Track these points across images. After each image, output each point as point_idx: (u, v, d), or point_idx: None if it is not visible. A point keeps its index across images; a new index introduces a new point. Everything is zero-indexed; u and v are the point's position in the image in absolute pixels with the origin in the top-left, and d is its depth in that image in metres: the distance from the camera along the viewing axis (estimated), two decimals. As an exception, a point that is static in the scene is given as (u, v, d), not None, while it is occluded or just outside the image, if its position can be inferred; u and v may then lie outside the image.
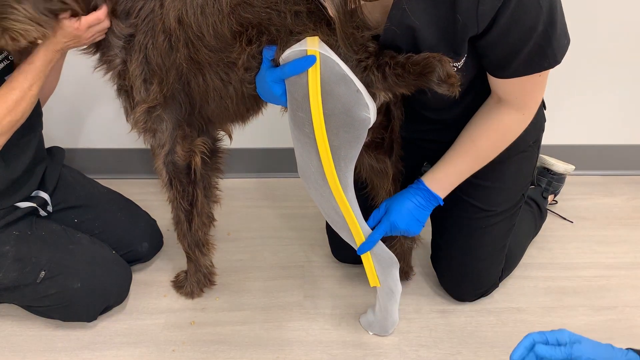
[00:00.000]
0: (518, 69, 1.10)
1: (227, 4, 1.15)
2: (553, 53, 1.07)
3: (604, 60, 1.89)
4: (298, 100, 1.11)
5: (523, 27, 1.03)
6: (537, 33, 1.03)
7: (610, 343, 1.44)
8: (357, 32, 1.07)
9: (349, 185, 1.18)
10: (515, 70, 1.10)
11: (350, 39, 1.05)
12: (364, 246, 1.26)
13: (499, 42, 1.06)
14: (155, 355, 1.40)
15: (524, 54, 1.06)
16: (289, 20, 1.12)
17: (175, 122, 1.29)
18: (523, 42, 1.05)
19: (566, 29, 1.09)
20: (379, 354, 1.40)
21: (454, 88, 1.04)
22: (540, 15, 1.01)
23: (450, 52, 1.09)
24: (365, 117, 1.08)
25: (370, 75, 1.09)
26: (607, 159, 2.07)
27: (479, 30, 1.04)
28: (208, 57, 1.20)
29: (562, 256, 1.71)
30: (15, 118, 1.24)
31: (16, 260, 1.36)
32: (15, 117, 1.24)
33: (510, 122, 1.20)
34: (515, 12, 1.00)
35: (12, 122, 1.24)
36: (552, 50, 1.07)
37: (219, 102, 1.28)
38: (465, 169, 1.27)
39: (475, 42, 1.09)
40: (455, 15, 1.03)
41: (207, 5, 1.16)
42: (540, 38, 1.04)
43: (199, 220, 1.43)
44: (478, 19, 1.02)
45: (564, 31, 1.08)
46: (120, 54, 1.23)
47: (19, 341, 1.44)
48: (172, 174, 1.35)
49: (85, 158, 2.06)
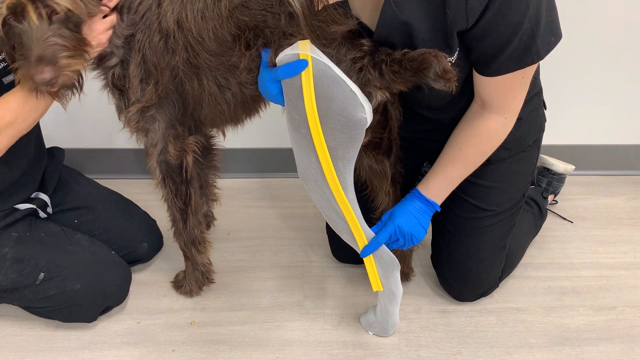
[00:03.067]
0: (503, 65, 1.10)
1: (226, 8, 1.15)
2: (537, 49, 1.08)
3: (604, 60, 1.89)
4: (293, 102, 1.12)
5: (510, 22, 1.04)
6: (523, 29, 1.04)
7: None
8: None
9: (349, 186, 1.18)
10: (501, 66, 1.11)
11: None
12: (368, 248, 1.26)
13: (485, 36, 1.07)
14: (155, 355, 1.40)
15: (510, 49, 1.07)
16: (282, 22, 1.12)
17: (168, 121, 1.30)
18: (509, 38, 1.06)
19: (554, 26, 1.10)
20: (379, 354, 1.40)
21: (450, 83, 1.05)
22: (526, 12, 1.03)
23: (444, 46, 1.09)
24: (361, 117, 1.09)
25: (366, 74, 1.10)
26: (607, 159, 2.07)
27: (468, 25, 1.05)
28: (208, 61, 1.20)
29: (562, 256, 1.71)
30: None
31: (15, 261, 1.36)
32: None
33: (494, 127, 1.21)
34: (502, 6, 1.01)
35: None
36: (537, 46, 1.08)
37: (214, 107, 1.28)
38: (456, 176, 1.28)
39: (463, 35, 1.09)
40: (445, 10, 1.04)
41: (207, 10, 1.16)
42: (525, 34, 1.05)
43: (194, 218, 1.43)
44: (467, 13, 1.03)
45: (551, 28, 1.09)
46: (118, 53, 1.23)
47: (19, 341, 1.44)
48: (165, 173, 1.35)
49: (85, 158, 2.06)
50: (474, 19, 1.04)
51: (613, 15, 1.81)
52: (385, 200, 1.39)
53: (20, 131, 1.24)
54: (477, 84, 1.19)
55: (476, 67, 1.16)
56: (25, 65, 1.08)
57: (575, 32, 1.80)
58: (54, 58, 1.08)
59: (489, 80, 1.15)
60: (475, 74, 1.17)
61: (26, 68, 1.08)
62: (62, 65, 1.09)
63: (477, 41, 1.09)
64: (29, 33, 1.06)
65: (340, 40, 1.11)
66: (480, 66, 1.14)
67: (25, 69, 1.08)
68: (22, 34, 1.07)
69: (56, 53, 1.08)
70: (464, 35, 1.09)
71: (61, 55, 1.09)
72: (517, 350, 1.41)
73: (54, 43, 1.08)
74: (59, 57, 1.09)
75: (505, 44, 1.07)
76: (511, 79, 1.13)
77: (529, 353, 1.40)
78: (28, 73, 1.08)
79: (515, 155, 1.39)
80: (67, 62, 1.10)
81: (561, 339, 1.44)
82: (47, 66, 1.07)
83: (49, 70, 1.07)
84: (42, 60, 1.07)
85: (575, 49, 1.86)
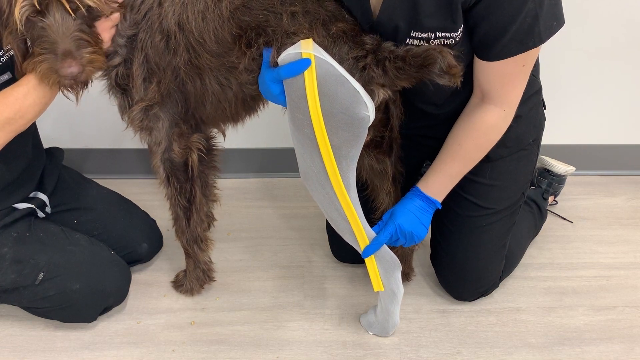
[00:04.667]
0: (505, 48, 1.10)
1: (227, 9, 1.16)
2: (539, 32, 1.08)
3: (604, 60, 1.89)
4: (295, 101, 1.12)
5: (514, 1, 1.04)
6: (527, 8, 1.05)
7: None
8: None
9: (351, 186, 1.18)
10: (503, 49, 1.11)
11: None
12: (369, 249, 1.26)
13: (489, 13, 1.07)
14: (155, 355, 1.40)
15: (513, 30, 1.07)
16: (285, 21, 1.13)
17: (172, 120, 1.30)
18: (512, 17, 1.06)
19: (557, 10, 1.10)
20: (379, 354, 1.40)
21: (455, 78, 1.05)
22: None
23: (448, 20, 1.09)
24: (364, 115, 1.09)
25: (370, 72, 1.10)
26: (607, 159, 2.07)
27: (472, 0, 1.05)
28: (209, 62, 1.20)
29: (562, 256, 1.71)
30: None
31: (14, 261, 1.36)
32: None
33: (493, 120, 1.21)
34: None
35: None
36: (539, 28, 1.08)
37: (216, 105, 1.28)
38: (456, 172, 1.28)
39: (467, 13, 1.09)
40: None
41: (207, 11, 1.17)
42: (529, 15, 1.05)
43: (197, 216, 1.43)
44: None
45: (554, 12, 1.09)
46: (121, 52, 1.23)
47: (19, 341, 1.44)
48: (170, 171, 1.35)
49: (84, 158, 2.06)
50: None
51: (613, 15, 1.81)
52: (386, 200, 1.39)
53: (19, 127, 1.23)
54: (478, 72, 1.19)
55: (478, 52, 1.15)
56: (51, 60, 1.10)
57: (575, 32, 1.80)
58: (79, 53, 1.10)
59: (490, 67, 1.14)
60: (477, 61, 1.17)
61: (52, 62, 1.10)
62: (86, 61, 1.11)
63: (481, 19, 1.09)
64: (55, 27, 1.08)
65: (342, 38, 1.11)
66: (482, 50, 1.14)
67: (50, 62, 1.10)
68: (48, 29, 1.09)
69: (81, 48, 1.11)
70: (467, 14, 1.09)
71: (86, 50, 1.11)
72: (517, 350, 1.41)
73: (78, 38, 1.10)
74: (84, 53, 1.11)
75: (508, 24, 1.07)
76: (512, 66, 1.13)
77: (529, 353, 1.40)
78: (54, 67, 1.10)
79: (515, 154, 1.39)
80: (91, 58, 1.12)
81: (561, 339, 1.44)
82: (74, 60, 1.09)
83: (76, 65, 1.10)
84: (68, 54, 1.09)
85: (575, 49, 1.86)
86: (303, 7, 1.14)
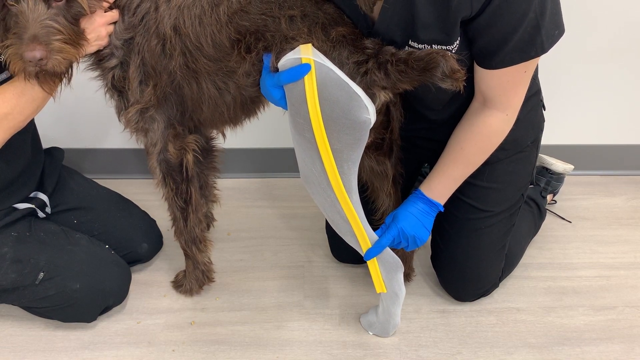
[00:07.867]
0: (507, 57, 1.10)
1: (225, 13, 1.16)
2: (541, 41, 1.08)
3: (604, 60, 1.90)
4: (296, 106, 1.11)
5: (515, 10, 1.03)
6: (528, 19, 1.04)
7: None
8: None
9: (353, 189, 1.18)
10: (504, 58, 1.10)
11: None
12: (372, 251, 1.26)
13: (490, 24, 1.06)
14: (155, 355, 1.40)
15: (514, 40, 1.07)
16: (283, 25, 1.12)
17: (167, 121, 1.30)
18: (514, 27, 1.05)
19: (558, 19, 1.09)
20: (379, 354, 1.40)
21: (458, 83, 1.04)
22: (532, 2, 1.02)
23: (442, 34, 1.09)
24: (365, 118, 1.08)
25: (372, 76, 1.09)
26: (607, 159, 2.07)
27: (472, 12, 1.05)
28: (207, 66, 1.20)
29: (562, 256, 1.71)
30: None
31: (15, 261, 1.36)
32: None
33: (495, 124, 1.21)
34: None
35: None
36: (541, 38, 1.07)
37: (213, 109, 1.28)
38: (458, 175, 1.28)
39: (467, 25, 1.09)
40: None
41: (204, 15, 1.16)
42: (530, 25, 1.05)
43: (195, 217, 1.43)
44: (472, 0, 1.02)
45: (556, 21, 1.08)
46: (117, 54, 1.23)
47: (19, 341, 1.44)
48: (166, 172, 1.36)
49: (84, 158, 2.06)
50: (479, 6, 1.03)
51: (613, 15, 1.81)
52: (387, 201, 1.39)
53: (18, 124, 1.23)
54: (479, 79, 1.18)
55: (478, 60, 1.15)
56: (17, 43, 1.08)
57: (575, 32, 1.80)
58: (47, 39, 1.08)
59: (491, 74, 1.14)
60: (477, 68, 1.16)
61: (17, 46, 1.08)
62: (54, 48, 1.09)
63: (482, 30, 1.08)
64: (26, 13, 1.07)
65: (342, 42, 1.11)
66: (483, 58, 1.13)
67: (16, 46, 1.08)
68: (20, 15, 1.07)
69: (50, 34, 1.08)
70: (467, 25, 1.09)
71: (55, 37, 1.09)
72: (517, 350, 1.41)
73: (49, 25, 1.08)
74: (53, 39, 1.08)
75: (510, 34, 1.06)
76: (513, 73, 1.13)
77: (529, 353, 1.40)
78: (18, 51, 1.08)
79: (513, 156, 1.39)
80: (60, 46, 1.10)
81: (561, 339, 1.44)
82: (39, 45, 1.07)
83: (40, 49, 1.07)
84: (34, 39, 1.07)
85: (575, 49, 1.86)
86: (301, 11, 1.13)
